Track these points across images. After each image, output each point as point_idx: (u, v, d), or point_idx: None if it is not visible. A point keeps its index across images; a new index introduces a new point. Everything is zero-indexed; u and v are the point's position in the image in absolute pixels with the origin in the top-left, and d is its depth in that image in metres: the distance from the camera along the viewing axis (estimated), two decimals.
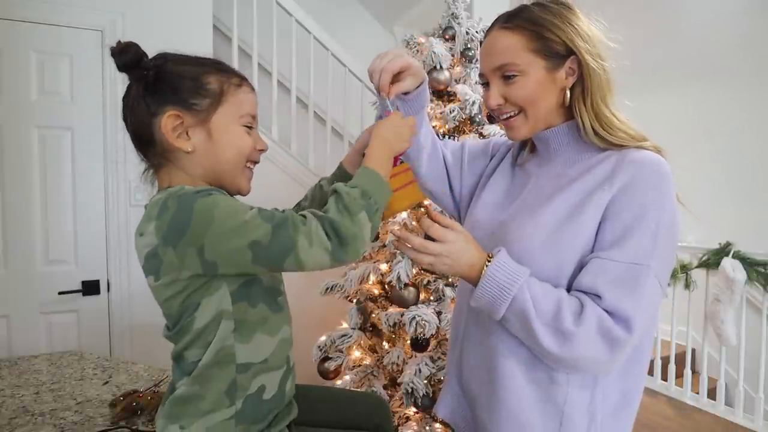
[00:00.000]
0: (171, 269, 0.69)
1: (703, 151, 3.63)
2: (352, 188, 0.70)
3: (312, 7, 3.13)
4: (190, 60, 0.77)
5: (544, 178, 0.84)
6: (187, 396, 0.74)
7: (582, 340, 0.67)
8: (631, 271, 0.69)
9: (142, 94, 0.73)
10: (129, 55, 0.72)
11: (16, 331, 1.98)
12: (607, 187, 0.72)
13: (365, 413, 1.01)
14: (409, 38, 2.08)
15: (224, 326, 0.72)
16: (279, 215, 0.68)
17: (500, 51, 0.79)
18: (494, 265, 0.72)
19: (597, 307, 0.68)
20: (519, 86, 0.78)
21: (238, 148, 0.77)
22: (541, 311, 0.69)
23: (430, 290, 1.89)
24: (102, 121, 2.08)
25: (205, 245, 0.66)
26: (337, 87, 2.98)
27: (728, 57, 3.54)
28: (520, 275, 0.71)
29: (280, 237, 0.66)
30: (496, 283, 0.71)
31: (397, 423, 1.80)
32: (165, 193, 0.71)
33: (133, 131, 0.76)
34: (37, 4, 1.95)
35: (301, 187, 2.76)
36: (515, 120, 0.82)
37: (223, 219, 0.66)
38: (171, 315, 0.74)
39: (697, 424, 2.69)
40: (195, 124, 0.74)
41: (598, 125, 0.77)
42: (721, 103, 3.61)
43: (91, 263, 2.09)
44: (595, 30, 0.79)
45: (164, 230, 0.67)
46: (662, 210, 0.70)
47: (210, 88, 0.75)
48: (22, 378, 1.35)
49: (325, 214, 0.68)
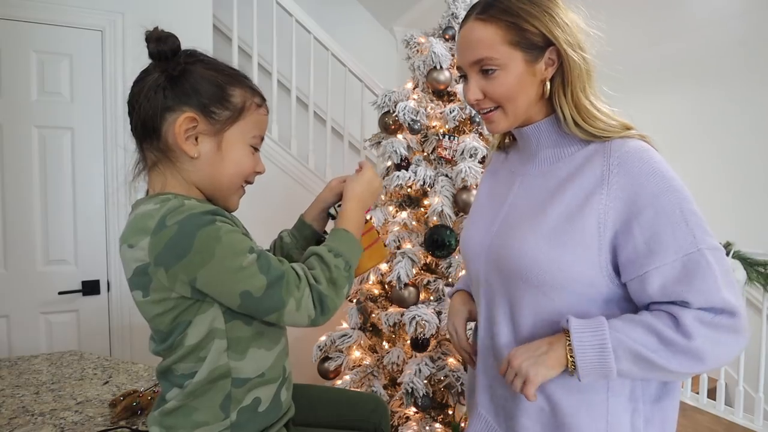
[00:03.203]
0: (160, 289, 0.68)
1: (703, 151, 3.64)
2: (337, 257, 0.74)
3: (312, 7, 3.13)
4: (219, 66, 0.76)
5: (531, 177, 0.82)
6: (180, 408, 0.73)
7: (704, 347, 0.65)
8: (690, 263, 0.66)
9: (164, 85, 0.71)
10: (167, 45, 0.71)
11: (16, 331, 1.97)
12: (604, 191, 0.70)
13: (364, 414, 1.01)
14: (409, 38, 2.08)
15: (217, 344, 0.71)
16: (276, 269, 0.68)
17: (477, 44, 0.76)
18: (576, 334, 0.68)
19: (687, 310, 0.66)
20: (499, 82, 0.76)
21: (241, 167, 0.77)
22: (647, 344, 0.67)
23: (430, 290, 1.89)
24: (102, 121, 2.08)
25: (198, 277, 0.66)
26: (337, 87, 2.98)
27: (728, 57, 3.54)
28: (602, 324, 0.68)
29: (272, 295, 0.67)
30: (589, 347, 0.68)
31: (397, 423, 1.80)
32: (159, 203, 0.69)
33: (141, 119, 0.73)
34: (37, 4, 1.94)
35: (300, 186, 2.76)
36: (494, 114, 0.80)
37: (222, 259, 0.66)
38: (160, 331, 0.72)
39: (697, 424, 2.69)
40: (208, 132, 0.73)
41: (579, 117, 0.75)
42: (721, 103, 3.61)
43: (91, 263, 2.09)
44: (574, 17, 0.77)
45: (159, 251, 0.65)
46: (673, 192, 0.68)
47: (233, 101, 0.75)
48: (22, 378, 1.34)
49: (316, 283, 0.71)
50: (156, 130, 0.72)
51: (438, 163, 1.98)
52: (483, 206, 0.91)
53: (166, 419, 0.74)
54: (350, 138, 3.15)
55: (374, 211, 2.00)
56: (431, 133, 1.98)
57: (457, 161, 1.89)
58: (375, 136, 2.15)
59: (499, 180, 0.91)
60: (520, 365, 0.71)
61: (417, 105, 1.95)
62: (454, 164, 1.91)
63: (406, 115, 1.91)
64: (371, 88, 3.01)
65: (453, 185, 1.88)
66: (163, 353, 0.74)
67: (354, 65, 2.97)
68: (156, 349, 0.75)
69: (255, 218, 0.79)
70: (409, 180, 1.90)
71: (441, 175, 1.92)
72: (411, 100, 1.97)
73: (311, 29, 2.85)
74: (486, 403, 0.87)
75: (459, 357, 1.82)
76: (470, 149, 1.83)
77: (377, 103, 2.05)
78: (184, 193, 0.74)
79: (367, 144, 2.22)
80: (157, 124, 0.72)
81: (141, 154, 0.78)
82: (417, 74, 2.02)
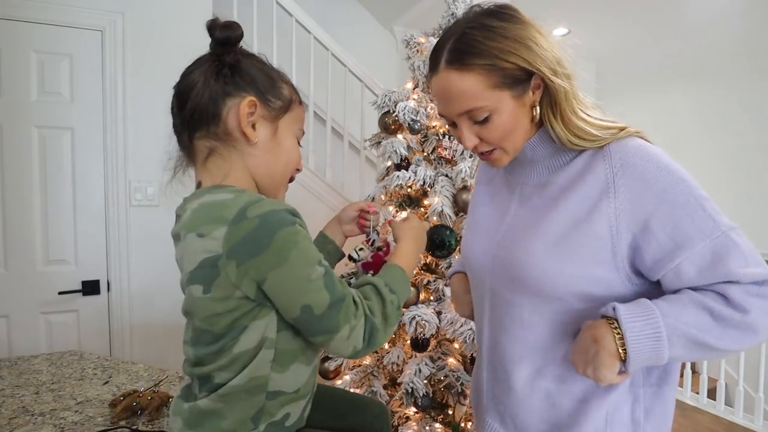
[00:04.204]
0: (226, 284, 0.65)
1: (703, 150, 3.64)
2: (392, 294, 0.73)
3: (312, 7, 3.13)
4: (266, 62, 0.79)
5: (530, 187, 0.82)
6: (210, 411, 0.70)
7: (759, 319, 0.65)
8: (718, 246, 0.66)
9: (225, 72, 0.72)
10: (235, 33, 0.72)
11: (16, 331, 1.98)
12: (612, 195, 0.70)
13: (367, 419, 1.00)
14: (409, 38, 2.08)
15: (264, 354, 0.68)
16: (339, 291, 0.67)
17: (460, 96, 0.72)
18: (627, 324, 0.65)
19: (734, 286, 0.65)
20: (493, 126, 0.74)
21: (292, 157, 0.79)
22: (699, 325, 0.65)
23: (430, 290, 1.89)
24: (102, 121, 2.08)
25: (267, 279, 0.64)
26: (337, 87, 2.98)
27: (728, 56, 3.54)
28: (653, 311, 0.65)
29: (330, 317, 0.65)
30: (643, 336, 0.65)
31: (397, 423, 1.80)
32: (233, 194, 0.67)
33: (199, 106, 0.72)
34: (37, 4, 1.95)
35: (300, 186, 2.76)
36: (494, 154, 0.79)
37: (296, 265, 0.64)
38: (212, 332, 0.68)
39: (697, 424, 2.69)
40: (266, 118, 0.75)
41: (572, 135, 0.74)
42: (721, 103, 3.61)
43: (91, 263, 2.09)
44: (551, 42, 0.73)
45: (235, 243, 0.63)
46: (682, 183, 0.68)
47: (283, 93, 0.77)
48: (22, 378, 1.34)
49: (371, 315, 0.69)
50: (216, 116, 0.72)
51: (438, 163, 1.98)
52: (484, 215, 0.90)
53: (193, 418, 0.71)
54: (350, 138, 3.15)
55: None
56: (431, 133, 1.98)
57: (457, 161, 1.89)
58: (375, 136, 2.15)
59: (496, 189, 0.91)
60: (583, 374, 0.69)
61: (417, 105, 1.95)
62: (454, 164, 1.91)
63: (406, 115, 1.91)
64: (371, 88, 3.01)
65: (453, 185, 1.88)
66: (205, 358, 0.70)
67: (354, 65, 2.97)
68: (198, 353, 0.71)
69: None
70: (409, 180, 1.90)
71: (441, 175, 1.92)
72: (411, 100, 1.97)
73: (311, 29, 2.85)
74: (492, 409, 0.87)
75: (459, 357, 1.82)
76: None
77: (377, 103, 2.05)
78: (246, 186, 0.73)
79: (367, 144, 2.22)
80: (218, 109, 0.72)
81: (187, 149, 0.76)
82: (417, 74, 2.02)
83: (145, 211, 2.11)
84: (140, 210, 2.11)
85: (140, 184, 2.12)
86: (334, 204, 2.85)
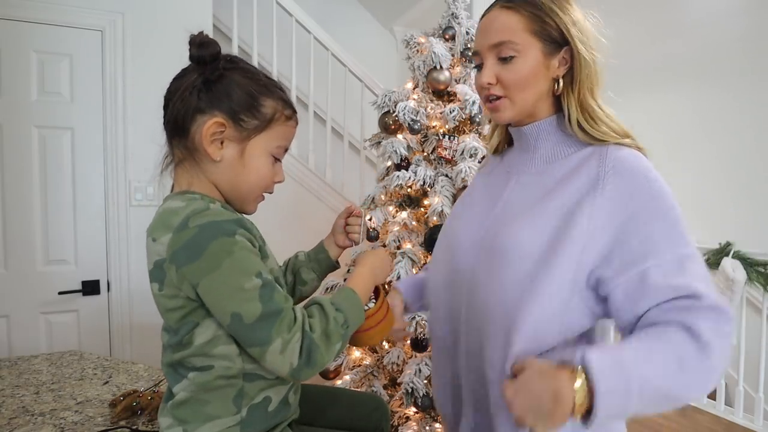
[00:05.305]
0: (172, 285, 0.70)
1: (703, 151, 3.63)
2: (338, 312, 0.73)
3: (312, 7, 3.13)
4: (257, 76, 0.78)
5: (527, 176, 0.84)
6: (191, 400, 0.73)
7: (716, 357, 0.64)
8: (687, 261, 0.68)
9: (199, 87, 0.73)
10: (207, 51, 0.73)
11: (16, 331, 1.98)
12: (598, 191, 0.72)
13: (365, 414, 1.01)
14: (409, 38, 2.08)
15: (226, 349, 0.71)
16: (276, 304, 0.67)
17: (499, 29, 0.78)
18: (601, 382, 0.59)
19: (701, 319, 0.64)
20: (515, 68, 0.78)
21: (260, 177, 0.79)
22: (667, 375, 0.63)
23: None
24: (102, 121, 2.08)
25: (200, 284, 0.67)
26: (337, 87, 2.98)
27: (728, 56, 3.54)
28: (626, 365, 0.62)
29: (261, 327, 0.66)
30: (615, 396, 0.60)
31: (397, 423, 1.80)
32: (186, 202, 0.71)
33: (174, 117, 0.75)
34: (37, 4, 1.95)
35: (300, 186, 2.76)
36: (501, 103, 0.81)
37: (227, 273, 0.66)
38: (170, 327, 0.74)
39: (697, 424, 2.69)
40: (234, 138, 0.75)
41: (582, 117, 0.78)
42: (721, 103, 3.61)
43: (91, 263, 2.09)
44: (587, 23, 0.80)
45: (175, 249, 0.68)
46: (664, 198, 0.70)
47: (263, 111, 0.77)
48: (22, 378, 1.34)
49: (310, 331, 0.68)
50: (185, 129, 0.75)
51: (438, 163, 1.98)
52: (474, 202, 0.91)
53: (177, 411, 0.74)
54: (350, 138, 3.15)
55: (374, 211, 2.00)
56: (431, 133, 1.98)
57: (457, 161, 1.89)
58: (375, 136, 2.15)
59: (493, 179, 0.92)
60: (521, 416, 0.62)
61: (417, 105, 1.96)
62: (454, 164, 1.91)
63: (406, 115, 1.91)
64: (371, 88, 3.01)
65: (453, 185, 1.88)
66: (174, 347, 0.75)
67: (354, 65, 2.97)
68: (169, 341, 0.76)
69: (254, 217, 0.80)
70: (409, 180, 1.90)
71: (441, 175, 1.92)
72: (411, 100, 1.97)
73: (311, 29, 2.85)
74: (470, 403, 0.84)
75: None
76: (470, 149, 1.83)
77: (377, 103, 2.05)
78: (208, 194, 0.76)
79: (367, 144, 2.22)
80: (188, 123, 0.74)
81: (170, 150, 0.79)
82: (417, 74, 2.02)
83: (145, 211, 2.11)
84: (140, 210, 2.11)
85: (140, 184, 2.12)
86: (334, 204, 2.85)
